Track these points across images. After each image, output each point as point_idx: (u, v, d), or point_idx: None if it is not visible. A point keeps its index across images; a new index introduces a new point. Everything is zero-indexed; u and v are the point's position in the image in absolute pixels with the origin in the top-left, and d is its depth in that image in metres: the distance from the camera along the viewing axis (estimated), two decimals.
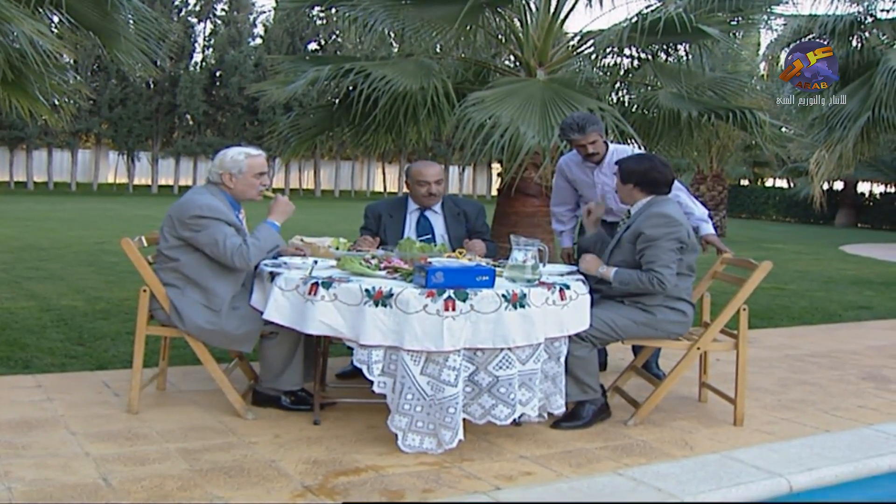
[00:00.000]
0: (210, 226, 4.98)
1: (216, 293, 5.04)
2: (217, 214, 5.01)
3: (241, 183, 5.22)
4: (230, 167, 5.20)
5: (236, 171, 5.20)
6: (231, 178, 5.20)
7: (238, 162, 5.20)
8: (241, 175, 5.21)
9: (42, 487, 3.88)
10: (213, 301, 5.04)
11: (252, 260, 4.99)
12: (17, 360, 6.40)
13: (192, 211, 5.01)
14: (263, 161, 5.34)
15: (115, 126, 43.21)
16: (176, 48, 10.09)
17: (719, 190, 26.31)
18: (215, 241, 4.98)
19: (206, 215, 4.99)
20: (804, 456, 4.81)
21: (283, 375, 5.22)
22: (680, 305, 5.29)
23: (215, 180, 5.24)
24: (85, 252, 14.45)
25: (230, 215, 5.10)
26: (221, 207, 5.08)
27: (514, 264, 4.85)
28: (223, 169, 5.20)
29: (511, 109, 7.10)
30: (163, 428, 4.85)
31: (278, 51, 43.06)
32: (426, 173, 6.15)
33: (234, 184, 5.21)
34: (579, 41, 8.58)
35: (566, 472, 4.42)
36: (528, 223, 8.07)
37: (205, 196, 5.14)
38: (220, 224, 5.00)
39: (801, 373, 7.05)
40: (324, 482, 4.12)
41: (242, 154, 5.24)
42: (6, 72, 6.88)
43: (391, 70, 7.63)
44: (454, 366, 4.44)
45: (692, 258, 5.31)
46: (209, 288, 5.05)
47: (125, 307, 8.88)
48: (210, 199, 5.10)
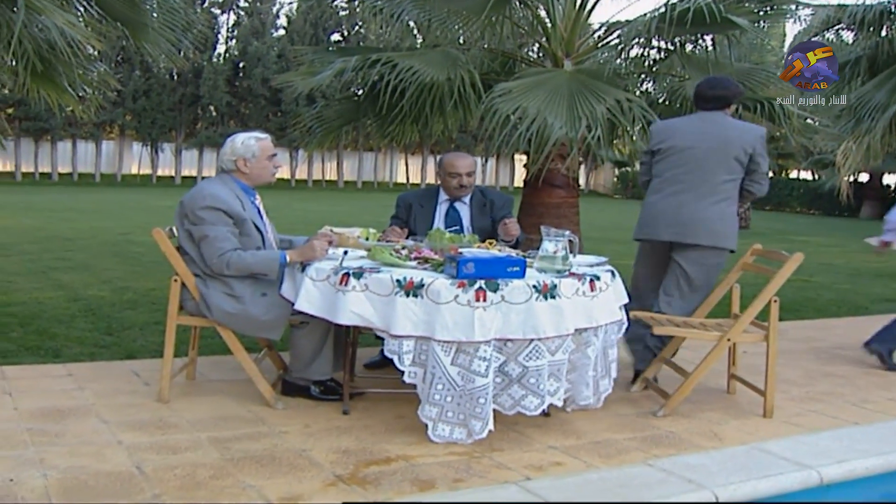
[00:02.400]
0: (208, 221, 5.01)
1: (235, 285, 5.07)
2: (222, 206, 5.03)
3: (256, 167, 5.26)
4: (243, 152, 5.23)
5: (250, 156, 5.23)
6: (245, 163, 5.23)
7: (250, 146, 5.24)
8: (255, 159, 5.24)
9: (76, 475, 3.90)
10: (234, 290, 5.06)
11: (229, 271, 5.00)
12: (48, 349, 6.46)
13: (199, 202, 5.04)
14: (271, 143, 5.39)
15: (138, 117, 43.35)
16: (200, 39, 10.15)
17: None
18: (206, 236, 5.01)
19: (210, 206, 5.01)
20: (834, 448, 4.79)
21: (312, 365, 5.24)
22: None
23: (229, 168, 5.27)
24: (110, 242, 14.53)
25: (237, 206, 5.11)
26: (228, 199, 5.09)
27: (544, 255, 4.84)
28: (236, 155, 5.23)
29: (538, 100, 7.08)
30: (193, 417, 4.88)
31: (301, 42, 43.07)
32: (458, 165, 6.15)
33: (248, 168, 5.25)
34: (606, 31, 8.55)
35: (596, 462, 4.42)
36: (555, 214, 8.05)
37: (214, 186, 5.17)
38: (219, 224, 5.02)
39: (828, 365, 7.03)
40: (354, 471, 4.13)
41: (252, 138, 5.28)
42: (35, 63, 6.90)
43: (418, 61, 7.62)
44: (485, 356, 4.44)
45: None
46: (227, 281, 5.07)
47: (152, 297, 8.94)
48: (219, 190, 5.13)
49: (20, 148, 41.26)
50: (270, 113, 45.44)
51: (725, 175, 5.83)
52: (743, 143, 5.80)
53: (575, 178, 8.43)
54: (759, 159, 5.85)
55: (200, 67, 43.36)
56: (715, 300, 6.01)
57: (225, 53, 46.39)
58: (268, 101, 44.84)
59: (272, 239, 5.41)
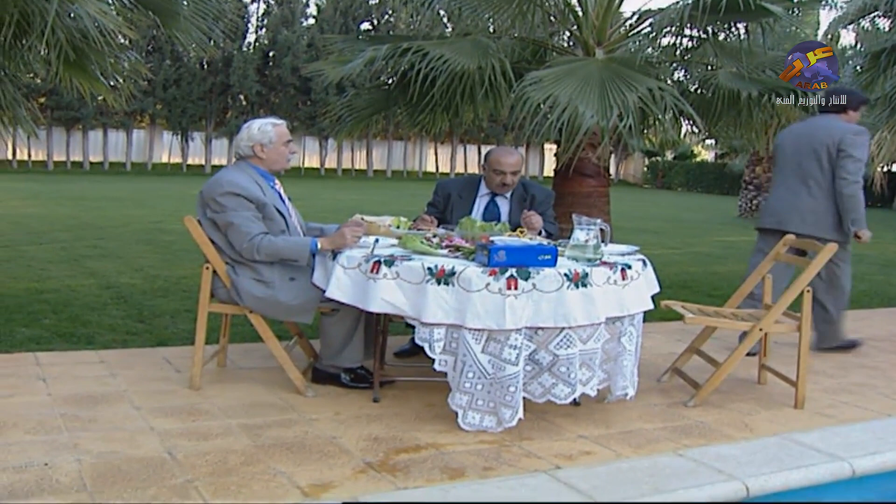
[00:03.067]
0: (230, 208, 5.04)
1: (264, 271, 5.09)
2: (242, 192, 5.06)
3: (273, 152, 5.31)
4: (260, 138, 5.27)
5: (266, 141, 5.28)
6: (262, 148, 5.27)
7: (267, 132, 5.28)
8: (272, 144, 5.29)
9: (109, 460, 3.94)
10: (263, 275, 5.09)
11: (259, 256, 5.03)
12: (80, 336, 6.51)
13: (217, 189, 5.07)
14: (287, 129, 5.44)
15: (169, 106, 43.62)
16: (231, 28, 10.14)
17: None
18: (231, 223, 5.04)
19: (229, 192, 5.04)
20: (867, 440, 4.76)
21: (343, 353, 5.25)
22: None
23: (247, 154, 5.31)
24: (141, 231, 14.63)
25: (256, 191, 5.13)
26: (247, 184, 5.12)
27: (575, 244, 4.83)
28: (253, 141, 5.27)
29: (569, 89, 7.03)
30: (224, 404, 4.91)
31: (331, 31, 43.14)
32: (504, 162, 6.10)
33: (265, 154, 5.29)
34: (638, 20, 8.49)
35: (625, 452, 4.41)
36: (585, 203, 8.00)
37: (231, 173, 5.21)
38: (241, 209, 5.05)
39: (860, 356, 6.97)
40: (385, 459, 4.14)
41: (269, 124, 5.32)
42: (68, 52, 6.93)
43: (449, 49, 7.59)
44: (515, 344, 4.44)
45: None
46: (255, 267, 5.10)
47: (183, 285, 8.99)
48: (236, 177, 5.16)
49: (52, 137, 41.60)
50: (300, 102, 45.59)
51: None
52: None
53: (605, 168, 8.38)
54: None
55: (230, 56, 43.55)
56: (747, 290, 5.98)
57: (255, 42, 46.60)
58: (297, 90, 44.99)
59: (296, 223, 5.43)
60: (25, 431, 4.28)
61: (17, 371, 5.42)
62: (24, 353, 5.92)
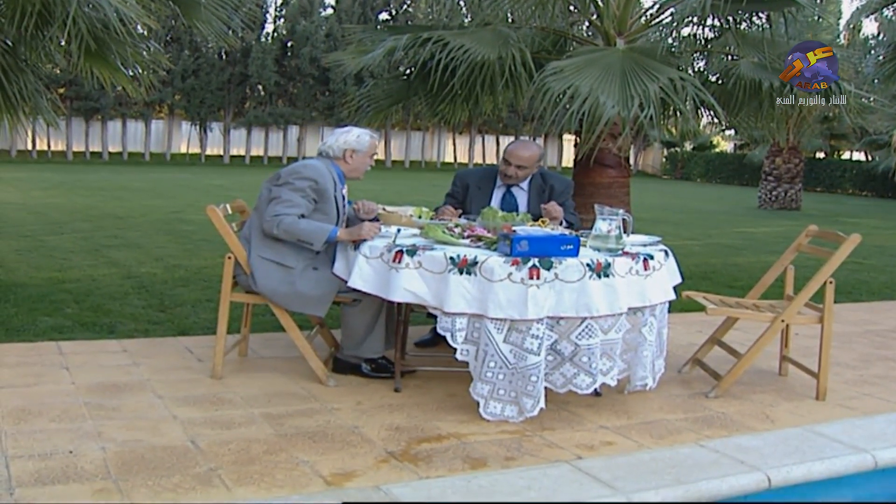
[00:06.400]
0: (293, 187, 5.13)
1: (287, 256, 5.14)
2: (318, 179, 5.17)
3: (359, 161, 5.46)
4: (355, 144, 5.42)
5: (360, 149, 5.43)
6: (353, 154, 5.41)
7: (364, 142, 5.44)
8: (362, 153, 5.45)
9: (133, 448, 3.96)
10: (286, 260, 5.14)
11: (276, 231, 5.07)
12: (103, 325, 6.54)
13: (303, 171, 5.21)
14: (377, 144, 5.64)
15: (187, 97, 43.66)
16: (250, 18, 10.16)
17: (795, 163, 26.00)
18: (279, 197, 5.12)
19: (308, 176, 5.16)
20: (889, 432, 4.74)
21: (364, 343, 5.27)
22: None
23: (336, 155, 5.42)
24: (161, 221, 14.68)
25: (329, 185, 5.24)
26: (326, 180, 5.24)
27: (598, 234, 4.82)
28: (348, 145, 5.41)
29: (590, 79, 7.02)
30: (246, 393, 4.93)
31: (349, 21, 43.09)
32: (513, 153, 6.07)
33: (353, 161, 5.43)
34: (658, 9, 8.46)
35: (647, 442, 4.41)
36: (605, 194, 7.99)
37: (318, 164, 5.34)
38: (298, 193, 5.12)
39: (882, 348, 6.94)
40: (407, 448, 4.15)
41: (367, 135, 5.49)
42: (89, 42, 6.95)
43: (469, 39, 7.58)
44: (537, 334, 4.44)
45: None
46: (280, 251, 5.15)
47: (203, 275, 9.02)
48: (321, 167, 5.29)
49: (71, 127, 41.72)
50: (318, 92, 45.59)
51: None
52: None
53: (626, 158, 8.37)
54: None
55: (249, 47, 43.55)
56: (769, 281, 5.96)
57: (273, 33, 46.55)
58: (316, 81, 44.96)
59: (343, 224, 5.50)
60: (50, 419, 4.31)
61: (40, 360, 5.46)
62: (47, 342, 5.96)
